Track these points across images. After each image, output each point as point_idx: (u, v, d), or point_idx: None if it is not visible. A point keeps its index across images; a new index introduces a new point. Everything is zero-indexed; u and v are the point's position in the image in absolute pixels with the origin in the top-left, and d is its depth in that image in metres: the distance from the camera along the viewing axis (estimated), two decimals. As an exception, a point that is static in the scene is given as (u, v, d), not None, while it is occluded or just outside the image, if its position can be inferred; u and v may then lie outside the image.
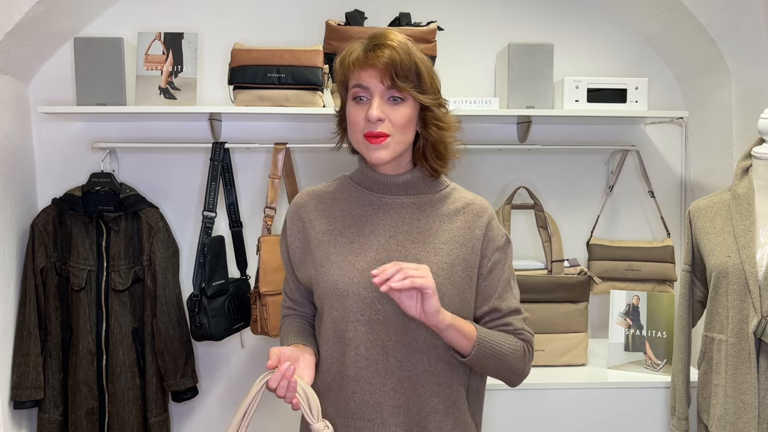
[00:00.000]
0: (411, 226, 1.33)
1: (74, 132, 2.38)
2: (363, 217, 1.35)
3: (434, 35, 2.21)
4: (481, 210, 1.38)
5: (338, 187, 1.42)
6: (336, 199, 1.39)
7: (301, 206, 1.41)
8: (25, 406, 2.15)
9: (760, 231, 1.70)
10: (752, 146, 1.78)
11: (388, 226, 1.33)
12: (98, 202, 2.22)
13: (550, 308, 2.11)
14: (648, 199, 2.51)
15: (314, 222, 1.37)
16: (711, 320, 1.79)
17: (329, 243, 1.34)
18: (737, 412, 1.68)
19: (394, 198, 1.35)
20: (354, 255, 1.31)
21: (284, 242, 1.43)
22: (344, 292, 1.28)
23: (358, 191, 1.39)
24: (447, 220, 1.34)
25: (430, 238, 1.32)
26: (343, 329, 1.28)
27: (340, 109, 1.39)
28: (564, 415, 1.99)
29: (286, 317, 1.46)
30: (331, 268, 1.30)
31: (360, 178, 1.40)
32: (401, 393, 1.28)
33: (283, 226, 1.44)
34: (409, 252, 1.30)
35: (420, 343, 1.28)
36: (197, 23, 2.39)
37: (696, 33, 2.23)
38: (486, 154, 2.49)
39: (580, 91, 2.26)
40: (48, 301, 2.19)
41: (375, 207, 1.35)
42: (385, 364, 1.27)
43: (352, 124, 1.30)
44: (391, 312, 1.27)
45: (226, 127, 2.41)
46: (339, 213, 1.37)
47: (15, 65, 2.17)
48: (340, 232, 1.34)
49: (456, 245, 1.32)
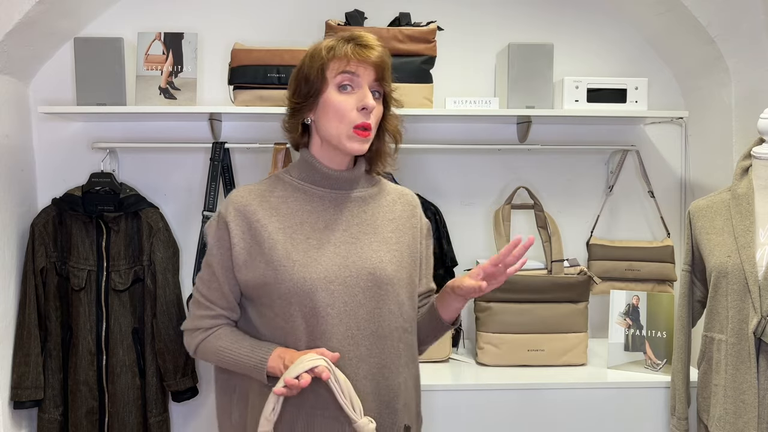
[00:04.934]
0: (360, 219, 1.40)
1: (74, 132, 2.38)
2: (314, 213, 1.38)
3: (434, 35, 2.21)
4: (413, 200, 1.51)
5: (279, 185, 1.41)
6: (281, 197, 1.39)
7: (245, 206, 1.37)
8: (25, 406, 2.15)
9: (760, 231, 1.70)
10: (752, 146, 1.78)
11: (340, 220, 1.38)
12: (98, 202, 2.22)
13: (550, 308, 2.11)
14: (648, 199, 2.51)
15: (264, 222, 1.35)
16: (711, 320, 1.79)
17: (286, 242, 1.34)
18: (737, 412, 1.68)
19: (341, 193, 1.41)
20: (314, 251, 1.34)
21: (221, 245, 1.37)
22: (313, 287, 1.31)
23: (304, 188, 1.40)
24: (389, 211, 1.44)
25: (379, 229, 1.41)
26: (314, 323, 1.31)
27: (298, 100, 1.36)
28: (564, 415, 1.99)
29: (218, 328, 1.40)
30: (294, 266, 1.32)
31: (306, 175, 1.41)
32: (371, 379, 1.34)
33: (217, 229, 1.38)
34: (363, 244, 1.37)
35: (385, 329, 1.35)
36: (197, 23, 2.39)
37: (696, 33, 2.23)
38: (486, 154, 2.49)
39: (579, 91, 2.26)
40: (48, 301, 2.19)
41: (325, 202, 1.39)
42: (357, 353, 1.33)
43: (340, 113, 1.32)
44: (358, 302, 1.33)
45: (226, 127, 2.41)
46: (287, 211, 1.37)
47: (15, 65, 2.17)
48: (294, 230, 1.35)
49: (401, 234, 1.43)
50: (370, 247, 1.37)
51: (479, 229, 2.51)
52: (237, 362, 1.35)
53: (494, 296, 2.10)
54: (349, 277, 1.33)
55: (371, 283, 1.34)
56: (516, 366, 2.12)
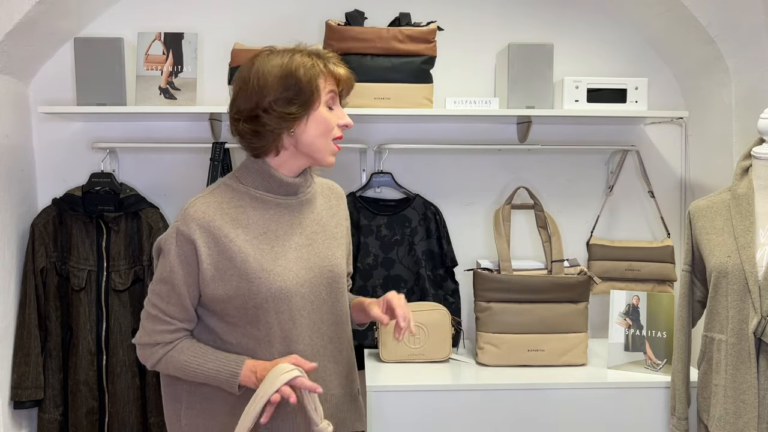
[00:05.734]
0: (310, 220, 1.46)
1: (74, 132, 2.38)
2: (273, 221, 1.41)
3: (434, 35, 2.21)
4: (340, 192, 1.59)
5: (232, 194, 1.40)
6: (239, 207, 1.39)
7: (209, 222, 1.35)
8: (25, 406, 2.15)
9: (760, 231, 1.70)
10: (752, 146, 1.78)
11: (296, 224, 1.43)
12: (98, 202, 2.22)
13: (550, 308, 2.11)
14: (648, 199, 2.51)
15: (230, 235, 1.35)
16: (711, 320, 1.79)
17: (256, 253, 1.36)
18: (737, 412, 1.68)
19: (292, 198, 1.44)
20: (282, 258, 1.38)
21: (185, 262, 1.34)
22: (288, 294, 1.36)
23: (261, 196, 1.41)
24: (327, 207, 1.52)
25: (326, 226, 1.49)
26: (290, 328, 1.38)
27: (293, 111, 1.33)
28: (564, 415, 1.99)
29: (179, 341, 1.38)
30: (269, 276, 1.35)
31: (261, 184, 1.40)
32: (333, 361, 1.47)
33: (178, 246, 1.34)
34: (318, 244, 1.44)
35: (341, 316, 1.48)
36: (197, 23, 2.39)
37: (696, 33, 2.23)
38: (486, 154, 2.49)
39: (579, 91, 2.26)
40: (48, 301, 2.19)
41: (281, 209, 1.42)
42: (322, 343, 1.44)
43: (328, 128, 1.38)
44: (322, 300, 1.43)
45: (226, 127, 2.41)
46: (248, 222, 1.38)
47: (15, 65, 2.17)
48: (260, 240, 1.38)
49: (340, 226, 1.53)
50: (324, 245, 1.46)
51: (479, 229, 2.51)
52: (206, 376, 1.35)
53: (494, 296, 2.10)
54: (314, 278, 1.41)
55: (330, 279, 1.45)
56: (516, 366, 2.12)
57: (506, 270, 2.11)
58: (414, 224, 2.35)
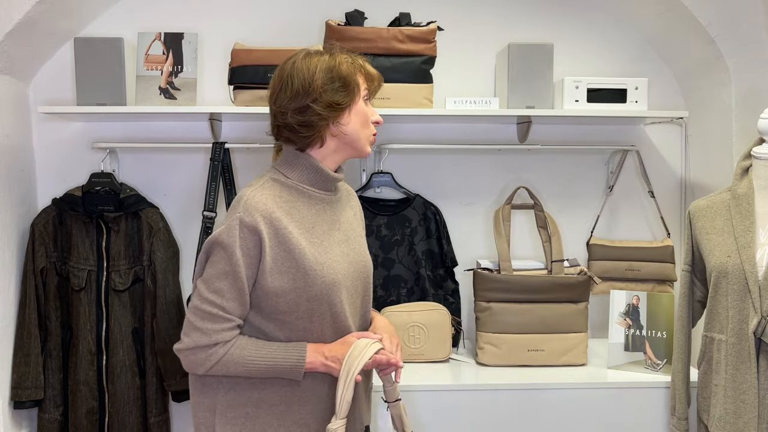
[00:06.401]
0: (344, 218, 1.52)
1: (74, 132, 2.38)
2: (318, 216, 1.46)
3: (434, 35, 2.21)
4: (353, 191, 1.66)
5: (281, 189, 1.43)
6: (289, 201, 1.42)
7: (270, 213, 1.36)
8: (25, 406, 2.15)
9: (760, 231, 1.70)
10: (752, 146, 1.78)
11: (335, 220, 1.49)
12: (98, 202, 2.22)
13: (550, 308, 2.11)
14: (648, 199, 2.51)
15: (289, 228, 1.38)
16: (711, 320, 1.79)
17: (310, 245, 1.40)
18: (737, 412, 1.68)
19: (331, 194, 1.50)
20: (330, 252, 1.43)
21: (249, 253, 1.34)
22: (339, 287, 1.42)
23: (307, 191, 1.45)
24: (350, 207, 1.59)
25: (354, 225, 1.56)
26: (341, 319, 1.44)
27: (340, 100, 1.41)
28: (564, 415, 1.99)
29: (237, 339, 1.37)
30: (323, 269, 1.40)
31: (308, 178, 1.45)
32: None
33: (242, 237, 1.33)
34: (353, 241, 1.51)
35: (368, 309, 1.57)
36: (197, 23, 2.39)
37: (696, 33, 2.23)
38: (486, 154, 2.49)
39: (580, 91, 2.26)
40: (48, 301, 2.19)
41: (324, 205, 1.48)
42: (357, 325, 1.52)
43: (367, 120, 1.47)
44: (358, 294, 1.50)
45: (226, 127, 2.41)
46: (299, 216, 1.42)
47: (15, 65, 2.17)
48: (311, 234, 1.42)
49: (362, 225, 1.62)
50: (357, 242, 1.53)
51: (479, 229, 2.51)
52: (270, 366, 1.36)
53: (494, 296, 2.10)
54: (354, 272, 1.48)
55: (364, 275, 1.52)
56: (516, 366, 2.12)
57: (506, 270, 2.11)
58: (414, 224, 2.35)
